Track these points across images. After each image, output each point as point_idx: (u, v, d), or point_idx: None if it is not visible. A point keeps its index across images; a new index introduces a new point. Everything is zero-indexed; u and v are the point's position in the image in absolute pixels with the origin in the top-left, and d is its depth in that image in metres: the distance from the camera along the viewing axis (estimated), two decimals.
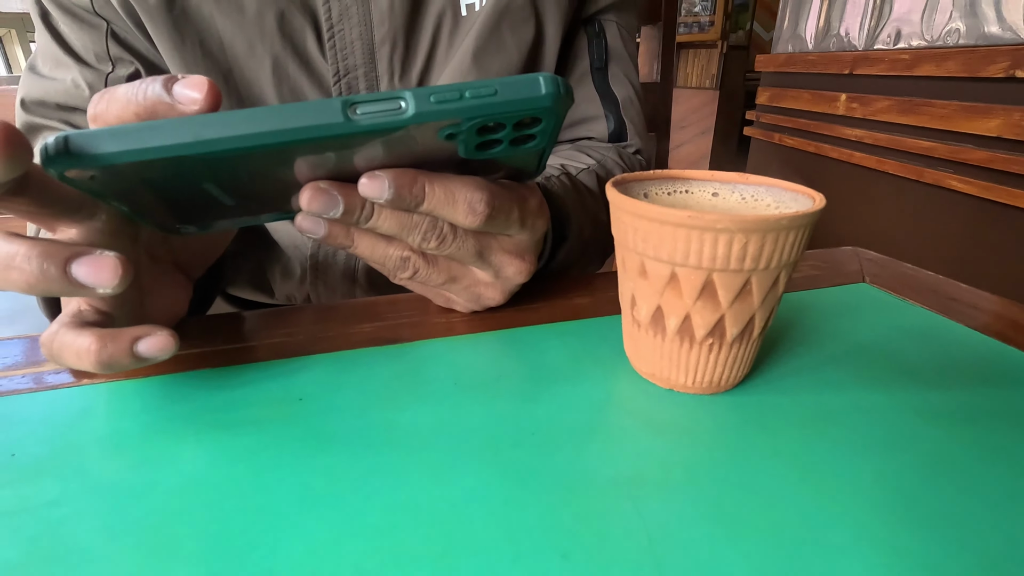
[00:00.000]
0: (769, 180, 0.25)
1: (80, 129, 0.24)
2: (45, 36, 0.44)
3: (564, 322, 0.30)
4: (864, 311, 0.31)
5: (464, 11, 0.43)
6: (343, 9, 0.41)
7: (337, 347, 0.27)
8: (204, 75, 0.42)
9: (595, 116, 0.51)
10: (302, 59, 0.42)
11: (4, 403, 0.23)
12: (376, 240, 0.25)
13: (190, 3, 0.40)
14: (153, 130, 0.18)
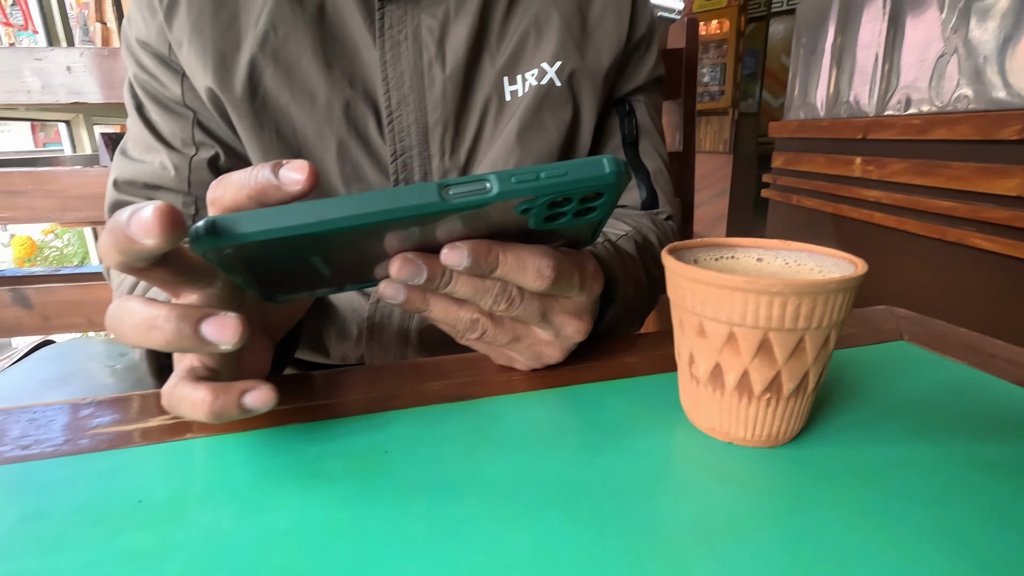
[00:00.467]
0: (810, 247, 0.27)
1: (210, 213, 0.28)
2: (138, 124, 0.49)
3: (618, 380, 0.32)
4: (906, 368, 0.33)
5: (508, 97, 0.48)
6: (401, 98, 0.46)
7: (412, 403, 0.29)
8: (278, 156, 0.47)
9: (629, 186, 0.55)
10: (363, 141, 0.47)
11: (127, 454, 0.25)
12: (450, 304, 0.28)
13: (269, 95, 0.45)
14: (284, 213, 0.21)
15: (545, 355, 0.32)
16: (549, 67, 0.48)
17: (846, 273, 0.23)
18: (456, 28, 0.47)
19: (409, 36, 0.46)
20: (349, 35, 0.46)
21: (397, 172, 0.48)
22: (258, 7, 0.45)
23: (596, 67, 0.50)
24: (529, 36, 0.48)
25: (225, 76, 0.45)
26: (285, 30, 0.45)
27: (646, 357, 0.35)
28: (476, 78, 0.48)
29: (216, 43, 0.44)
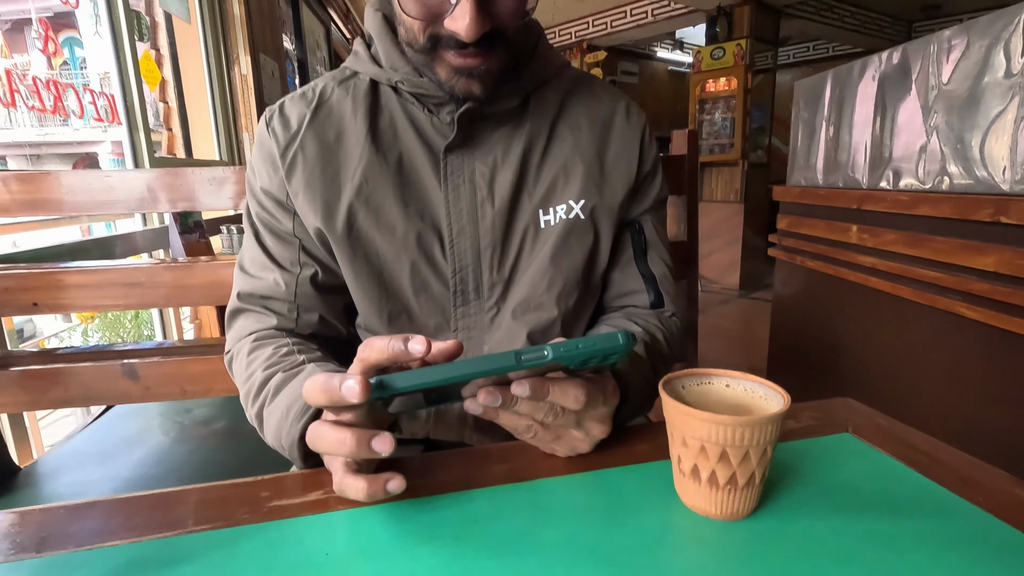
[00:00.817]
0: (760, 380, 0.40)
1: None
2: (256, 248, 0.63)
3: (632, 465, 0.44)
4: (844, 458, 0.44)
5: (543, 225, 0.62)
6: (460, 228, 0.60)
7: (487, 483, 0.42)
8: (365, 275, 0.60)
9: (639, 290, 0.68)
10: (430, 261, 0.60)
11: (317, 520, 0.38)
12: (514, 416, 0.41)
13: (361, 230, 0.59)
14: (427, 372, 0.34)
15: (578, 448, 0.44)
16: (575, 204, 0.62)
17: (776, 407, 0.36)
18: (502, 174, 0.61)
19: (466, 180, 0.60)
20: (420, 180, 0.60)
21: (456, 285, 0.61)
22: (354, 164, 0.59)
23: (612, 202, 0.64)
24: (559, 179, 0.62)
25: (329, 218, 0.59)
26: (374, 180, 0.59)
27: (654, 445, 0.47)
28: (517, 211, 0.61)
29: (323, 194, 0.59)
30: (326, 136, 0.60)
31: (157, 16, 2.06)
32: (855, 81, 1.69)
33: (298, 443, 0.46)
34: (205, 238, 1.62)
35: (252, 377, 0.56)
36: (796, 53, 6.85)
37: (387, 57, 0.60)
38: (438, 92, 0.57)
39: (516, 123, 0.62)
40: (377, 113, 0.61)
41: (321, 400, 0.35)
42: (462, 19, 0.48)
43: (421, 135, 0.60)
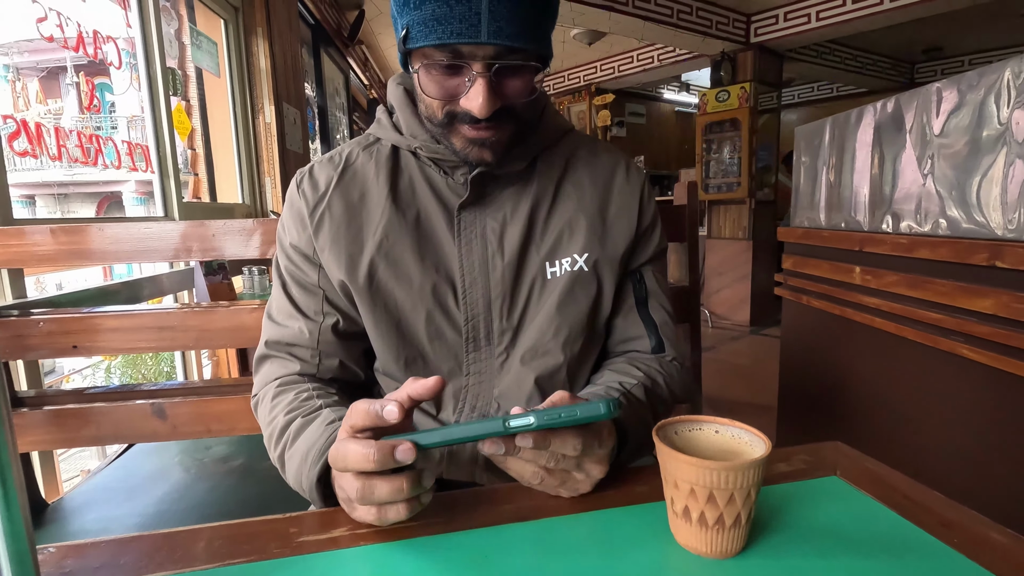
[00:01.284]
0: (745, 426, 0.43)
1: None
2: (283, 298, 0.68)
3: (631, 506, 0.47)
4: (830, 501, 0.47)
5: (549, 276, 0.66)
6: (472, 280, 0.65)
7: (496, 521, 0.45)
8: (384, 323, 0.65)
9: (641, 336, 0.72)
10: (444, 311, 0.65)
11: (341, 555, 0.42)
12: (520, 461, 0.45)
13: (381, 282, 0.64)
14: (423, 435, 0.40)
15: (580, 488, 0.48)
16: (579, 257, 0.67)
17: (759, 452, 0.40)
18: (511, 229, 0.66)
19: (478, 235, 0.65)
20: (436, 235, 0.65)
21: (468, 332, 0.65)
22: (376, 221, 0.65)
23: (614, 254, 0.69)
24: (564, 233, 0.67)
25: (352, 272, 0.64)
26: (394, 236, 0.64)
27: (651, 487, 0.50)
28: (526, 264, 0.66)
29: (347, 248, 0.64)
30: (351, 196, 0.66)
31: (189, 71, 2.19)
32: (853, 128, 1.75)
33: (316, 485, 0.50)
34: (228, 279, 1.69)
35: (274, 421, 0.60)
36: (801, 93, 6.99)
37: (407, 126, 0.66)
38: (453, 157, 0.63)
39: (524, 182, 0.67)
40: (397, 175, 0.67)
41: (359, 418, 0.44)
42: (476, 99, 0.55)
43: (437, 194, 0.66)
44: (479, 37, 0.52)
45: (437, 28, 0.53)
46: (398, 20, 0.57)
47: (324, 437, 0.52)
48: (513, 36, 0.53)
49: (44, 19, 1.28)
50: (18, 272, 1.12)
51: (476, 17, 0.52)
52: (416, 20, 0.54)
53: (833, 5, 3.96)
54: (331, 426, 0.53)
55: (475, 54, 0.54)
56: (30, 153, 1.20)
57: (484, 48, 0.53)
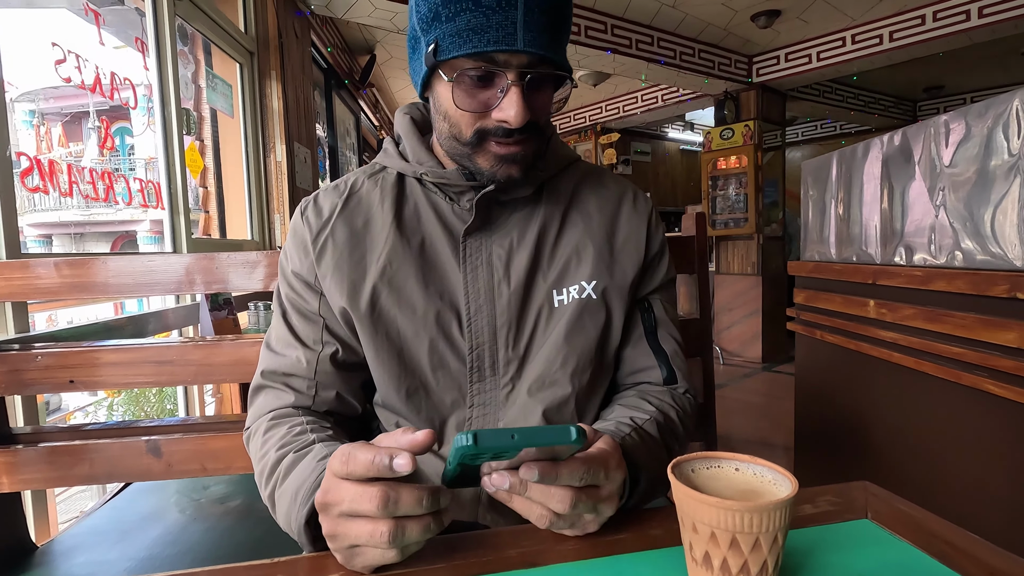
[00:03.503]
0: (769, 464, 0.40)
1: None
2: (282, 327, 0.66)
3: (646, 551, 0.44)
4: (862, 546, 0.44)
5: (556, 304, 0.64)
6: (477, 307, 0.63)
7: (503, 567, 0.42)
8: (386, 352, 0.63)
9: (651, 366, 0.69)
10: (448, 339, 0.63)
11: None
12: (526, 502, 0.42)
13: (384, 309, 0.62)
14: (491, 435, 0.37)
15: (587, 528, 0.45)
16: (587, 284, 0.65)
17: (785, 492, 0.36)
18: (518, 256, 0.64)
19: (484, 262, 0.63)
20: (440, 262, 0.63)
21: (472, 361, 0.62)
22: (379, 247, 0.63)
23: (622, 282, 0.67)
24: (572, 261, 0.65)
25: (354, 298, 0.62)
26: (398, 263, 0.62)
27: (667, 529, 0.47)
28: (532, 291, 0.64)
29: (350, 275, 0.63)
30: (355, 223, 0.65)
31: (204, 112, 2.25)
32: (860, 161, 1.75)
33: (305, 527, 0.47)
34: (233, 315, 1.68)
35: (265, 457, 0.57)
36: (805, 131, 7.08)
37: (413, 153, 0.67)
38: (459, 181, 0.63)
39: (531, 209, 0.66)
40: (402, 202, 0.66)
41: (363, 467, 0.40)
42: (510, 108, 0.55)
43: (442, 221, 0.65)
44: (515, 45, 0.53)
45: (473, 38, 0.53)
46: (422, 37, 0.57)
47: (315, 474, 0.49)
48: (545, 46, 0.54)
49: (63, 61, 1.32)
50: (21, 306, 1.12)
51: (512, 26, 0.52)
52: (448, 32, 0.54)
53: (833, 45, 4.04)
54: (323, 462, 0.50)
55: (510, 63, 0.54)
56: (41, 189, 1.21)
57: (519, 56, 0.54)
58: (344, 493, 0.41)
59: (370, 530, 0.39)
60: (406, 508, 0.39)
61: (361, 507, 0.39)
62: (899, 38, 3.69)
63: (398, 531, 0.39)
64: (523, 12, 0.52)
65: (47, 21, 2.34)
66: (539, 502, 0.42)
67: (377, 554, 0.41)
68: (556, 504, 0.42)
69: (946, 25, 3.47)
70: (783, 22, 3.79)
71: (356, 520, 0.40)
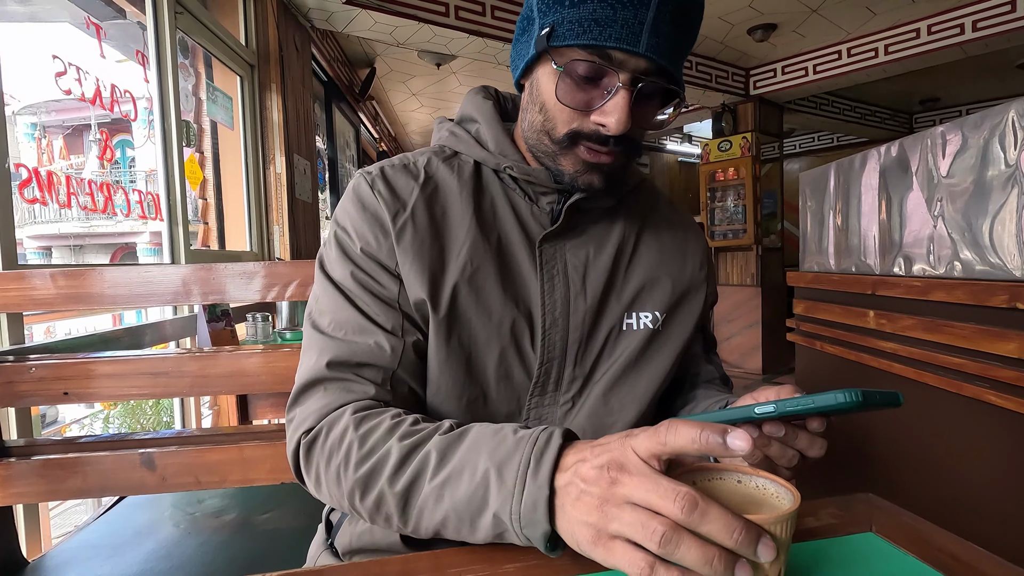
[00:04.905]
0: (771, 476, 0.39)
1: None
2: (347, 311, 0.56)
3: None
4: (866, 561, 0.43)
5: (625, 327, 0.62)
6: (553, 320, 0.59)
7: None
8: (456, 356, 0.60)
9: (711, 374, 0.71)
10: (518, 350, 0.59)
11: None
12: (782, 446, 0.45)
13: (460, 310, 0.57)
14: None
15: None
16: (659, 315, 0.63)
17: (788, 505, 0.36)
18: (594, 270, 0.61)
19: (560, 272, 0.60)
20: (516, 265, 0.59)
21: (540, 376, 0.59)
22: (460, 242, 0.58)
23: (687, 325, 0.65)
24: (645, 287, 0.63)
25: (435, 293, 0.57)
26: (478, 261, 0.58)
27: None
28: (605, 310, 0.61)
29: (431, 267, 0.57)
30: (434, 211, 0.59)
31: (204, 124, 2.26)
32: (857, 172, 1.75)
33: (546, 502, 0.39)
34: (231, 326, 1.67)
35: (374, 451, 0.47)
36: (802, 143, 7.13)
37: (496, 143, 0.61)
38: (546, 182, 0.59)
39: (608, 221, 0.64)
40: (480, 194, 0.61)
41: (685, 441, 0.34)
42: (613, 113, 0.51)
43: (520, 221, 0.60)
44: (637, 47, 0.49)
45: (594, 29, 0.49)
46: (537, 19, 0.54)
47: (530, 445, 0.41)
48: (667, 55, 0.50)
49: (63, 73, 1.32)
50: (17, 317, 1.11)
51: (639, 26, 0.49)
52: (569, 18, 0.51)
53: (830, 58, 4.08)
54: (523, 438, 0.43)
55: (626, 64, 0.50)
56: (40, 201, 1.21)
57: (637, 60, 0.50)
58: (640, 473, 0.35)
59: (648, 524, 0.33)
60: (711, 527, 0.32)
61: (657, 500, 0.33)
62: (894, 51, 3.73)
63: (676, 540, 0.32)
64: (654, 13, 0.49)
65: (49, 35, 2.35)
66: (799, 448, 0.45)
67: (628, 554, 0.34)
68: (817, 449, 0.45)
69: (941, 38, 3.50)
70: (779, 36, 3.82)
71: (639, 509, 0.34)
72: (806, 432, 0.45)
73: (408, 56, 3.72)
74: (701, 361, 0.71)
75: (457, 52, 3.20)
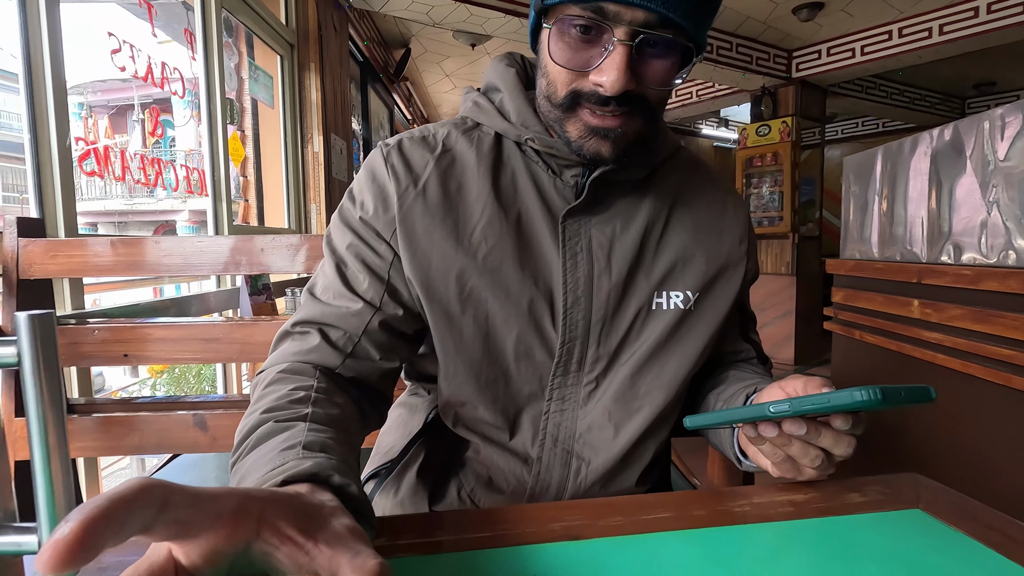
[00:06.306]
0: None
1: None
2: (334, 277, 0.56)
3: (681, 530, 0.44)
4: (916, 534, 0.43)
5: (655, 307, 0.59)
6: (575, 299, 0.57)
7: (536, 540, 0.43)
8: (471, 336, 0.59)
9: (744, 350, 0.69)
10: (538, 330, 0.57)
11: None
12: (805, 445, 0.44)
13: (475, 290, 0.56)
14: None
15: (827, 472, 0.47)
16: (691, 295, 0.60)
17: None
18: (620, 246, 0.58)
19: (584, 248, 0.57)
20: (538, 242, 0.57)
21: (562, 356, 0.57)
22: (475, 219, 0.56)
23: (723, 303, 0.62)
24: (677, 265, 0.60)
25: (443, 274, 0.55)
26: (494, 239, 0.56)
27: (710, 511, 0.47)
28: (632, 288, 0.58)
29: (440, 246, 0.55)
30: (448, 186, 0.57)
31: (245, 103, 2.31)
32: (907, 157, 1.69)
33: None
34: (272, 300, 1.73)
35: (249, 416, 0.45)
36: (845, 129, 6.88)
37: (518, 113, 0.58)
38: (568, 154, 0.55)
39: (637, 196, 0.60)
40: (500, 168, 0.59)
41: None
42: (609, 72, 0.47)
43: (541, 195, 0.58)
44: None
45: None
46: None
47: (267, 467, 0.36)
48: (670, 5, 0.46)
49: (118, 51, 1.37)
50: (78, 283, 1.17)
51: None
52: None
53: (879, 39, 3.91)
54: (287, 452, 0.37)
55: (621, 17, 0.46)
56: (97, 173, 1.26)
57: (633, 11, 0.46)
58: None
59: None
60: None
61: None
62: (950, 31, 3.55)
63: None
64: None
65: (99, 15, 2.42)
66: (824, 446, 0.43)
67: None
68: (843, 448, 0.44)
69: (1002, 17, 3.32)
70: (826, 15, 3.68)
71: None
72: (831, 429, 0.43)
73: (443, 36, 3.71)
74: (738, 339, 0.69)
75: (493, 32, 3.18)
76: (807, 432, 0.42)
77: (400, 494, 0.64)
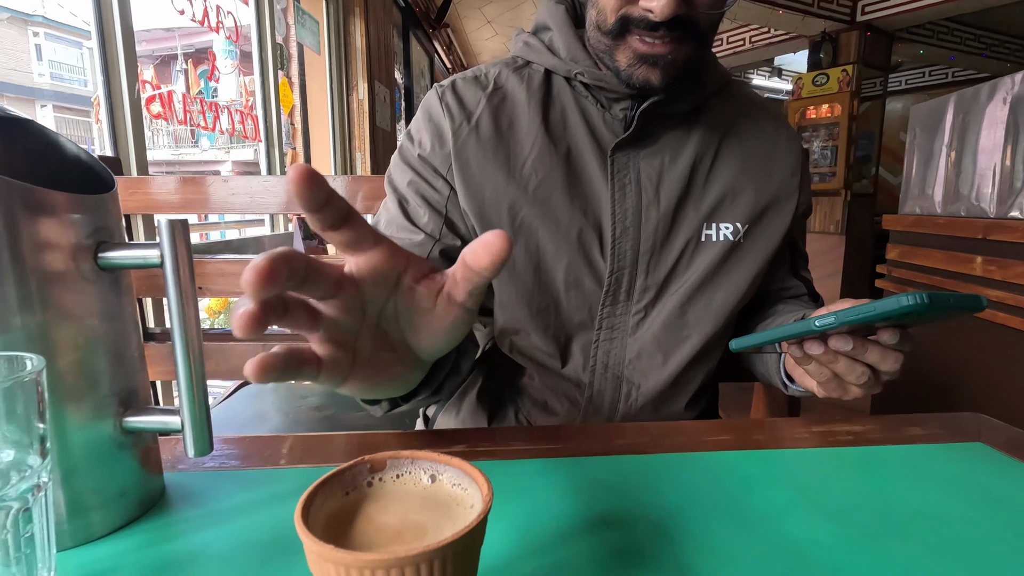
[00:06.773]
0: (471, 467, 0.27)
1: None
2: (397, 213, 0.60)
3: (747, 450, 0.46)
4: (978, 466, 0.44)
5: (703, 239, 0.60)
6: (623, 229, 0.59)
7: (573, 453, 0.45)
8: (522, 266, 0.61)
9: (796, 286, 0.69)
10: (587, 259, 0.59)
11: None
12: (851, 362, 0.43)
13: (526, 221, 0.58)
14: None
15: (874, 391, 0.46)
16: (741, 226, 0.61)
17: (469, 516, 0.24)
18: (669, 178, 0.59)
19: (632, 180, 0.59)
20: (587, 175, 0.59)
21: (610, 285, 0.59)
22: (525, 153, 0.58)
23: (773, 237, 0.63)
24: (727, 197, 0.61)
25: (496, 205, 0.58)
26: (543, 172, 0.58)
27: (738, 435, 0.49)
28: (681, 219, 0.60)
29: (492, 179, 0.58)
30: (500, 122, 0.59)
31: (292, 48, 2.32)
32: (982, 105, 1.59)
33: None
34: (323, 244, 1.79)
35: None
36: (910, 79, 6.43)
37: (567, 49, 0.60)
38: (617, 87, 0.56)
39: (686, 129, 0.61)
40: (549, 104, 0.60)
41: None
42: None
43: (591, 129, 0.59)
44: None
45: None
46: None
47: None
48: None
49: None
50: (149, 219, 1.24)
51: None
52: None
53: None
54: None
55: None
56: (163, 116, 1.31)
57: None
58: None
59: None
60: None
61: None
62: None
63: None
64: None
65: None
66: (871, 362, 0.42)
67: None
68: (891, 364, 0.42)
69: None
70: None
71: None
72: (877, 345, 0.42)
73: None
74: (788, 276, 0.68)
75: None
76: (853, 348, 0.42)
77: (461, 415, 0.68)
